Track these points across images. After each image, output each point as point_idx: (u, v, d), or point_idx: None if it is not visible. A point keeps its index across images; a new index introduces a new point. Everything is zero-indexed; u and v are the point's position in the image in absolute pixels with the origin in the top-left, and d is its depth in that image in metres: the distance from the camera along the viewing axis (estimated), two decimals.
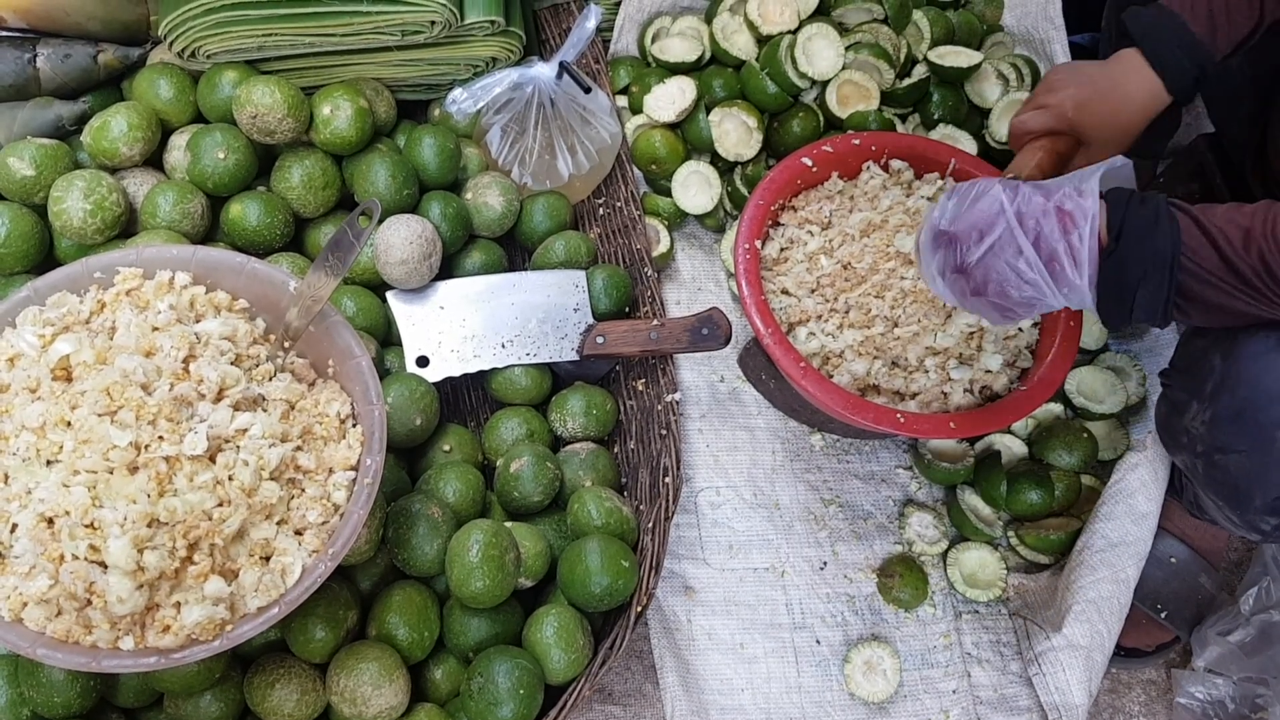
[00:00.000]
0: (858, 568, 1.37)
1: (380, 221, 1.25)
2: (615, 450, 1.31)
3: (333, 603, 1.04)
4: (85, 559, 0.82)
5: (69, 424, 0.86)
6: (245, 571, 0.87)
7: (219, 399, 0.92)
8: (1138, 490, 1.29)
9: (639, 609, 1.10)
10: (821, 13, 1.56)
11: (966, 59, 1.54)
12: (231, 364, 0.95)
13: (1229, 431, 1.04)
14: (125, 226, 1.25)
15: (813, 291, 1.29)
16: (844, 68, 1.50)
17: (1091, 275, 0.96)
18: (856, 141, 1.36)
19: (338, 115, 1.28)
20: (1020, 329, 1.26)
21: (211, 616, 0.84)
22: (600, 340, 1.28)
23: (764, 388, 1.44)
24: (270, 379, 0.98)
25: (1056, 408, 1.45)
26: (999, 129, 1.55)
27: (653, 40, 1.58)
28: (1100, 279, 0.97)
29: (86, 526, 0.82)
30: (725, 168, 1.54)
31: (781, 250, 1.33)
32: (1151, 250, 0.95)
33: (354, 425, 0.98)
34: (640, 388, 1.31)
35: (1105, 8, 1.56)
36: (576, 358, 1.30)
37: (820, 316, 1.27)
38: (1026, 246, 0.96)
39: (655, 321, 1.27)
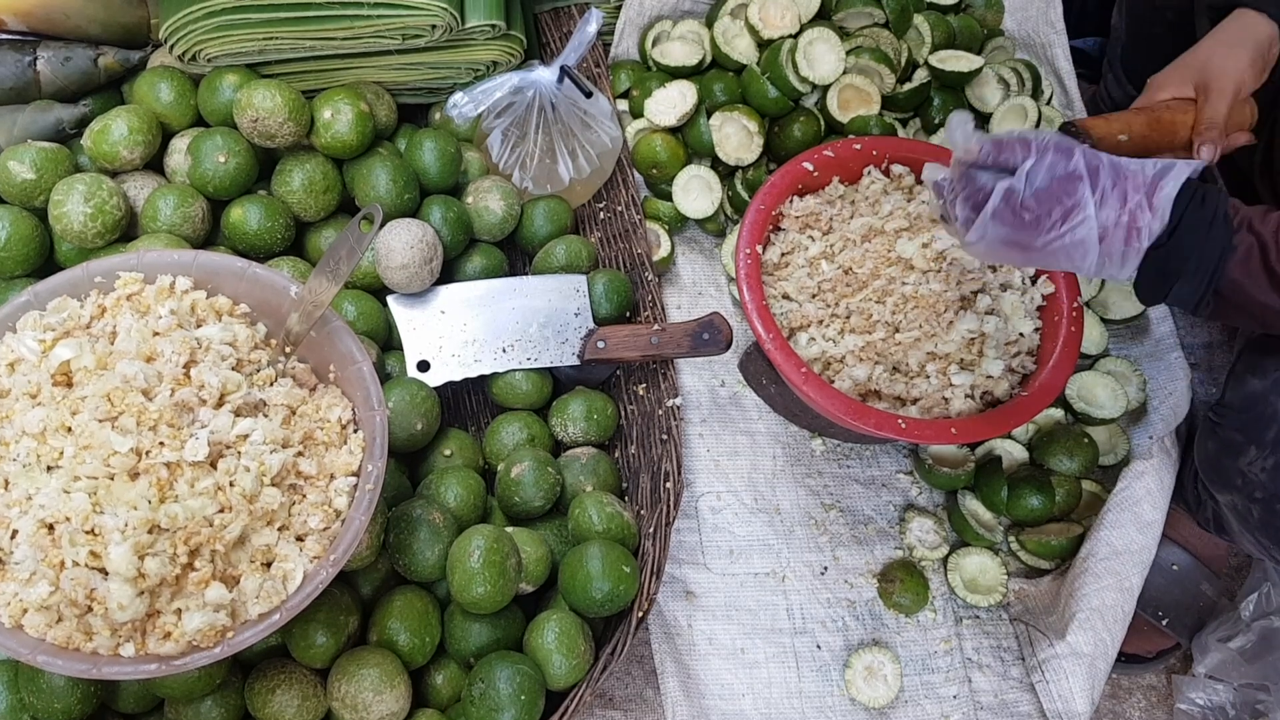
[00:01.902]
0: (858, 573, 1.37)
1: (381, 226, 1.25)
2: (616, 455, 1.31)
3: (334, 608, 1.03)
4: (86, 565, 0.81)
5: (70, 430, 0.86)
6: (246, 578, 0.87)
7: (220, 404, 0.92)
8: (1143, 499, 1.29)
9: (640, 614, 1.10)
10: (823, 17, 1.56)
11: (967, 63, 1.54)
12: (232, 369, 0.95)
13: None
14: (126, 230, 1.25)
15: (814, 296, 1.29)
16: (845, 72, 1.50)
17: (1135, 265, 0.96)
18: (858, 146, 1.35)
19: (338, 119, 1.28)
20: (1022, 334, 1.26)
21: (213, 623, 0.84)
22: (601, 345, 1.28)
23: (765, 393, 1.44)
24: (271, 384, 0.98)
25: (1057, 413, 1.45)
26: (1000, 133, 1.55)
27: (653, 44, 1.58)
28: (1143, 265, 0.97)
29: (87, 533, 0.82)
30: (726, 172, 1.54)
31: (782, 255, 1.33)
32: (1199, 251, 0.94)
33: (355, 431, 0.98)
34: (641, 392, 1.31)
35: (1114, 7, 1.56)
36: (577, 362, 1.30)
37: (821, 321, 1.27)
38: (1094, 251, 0.95)
39: (656, 326, 1.27)
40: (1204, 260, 0.94)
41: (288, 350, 1.01)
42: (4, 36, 1.31)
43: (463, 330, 1.28)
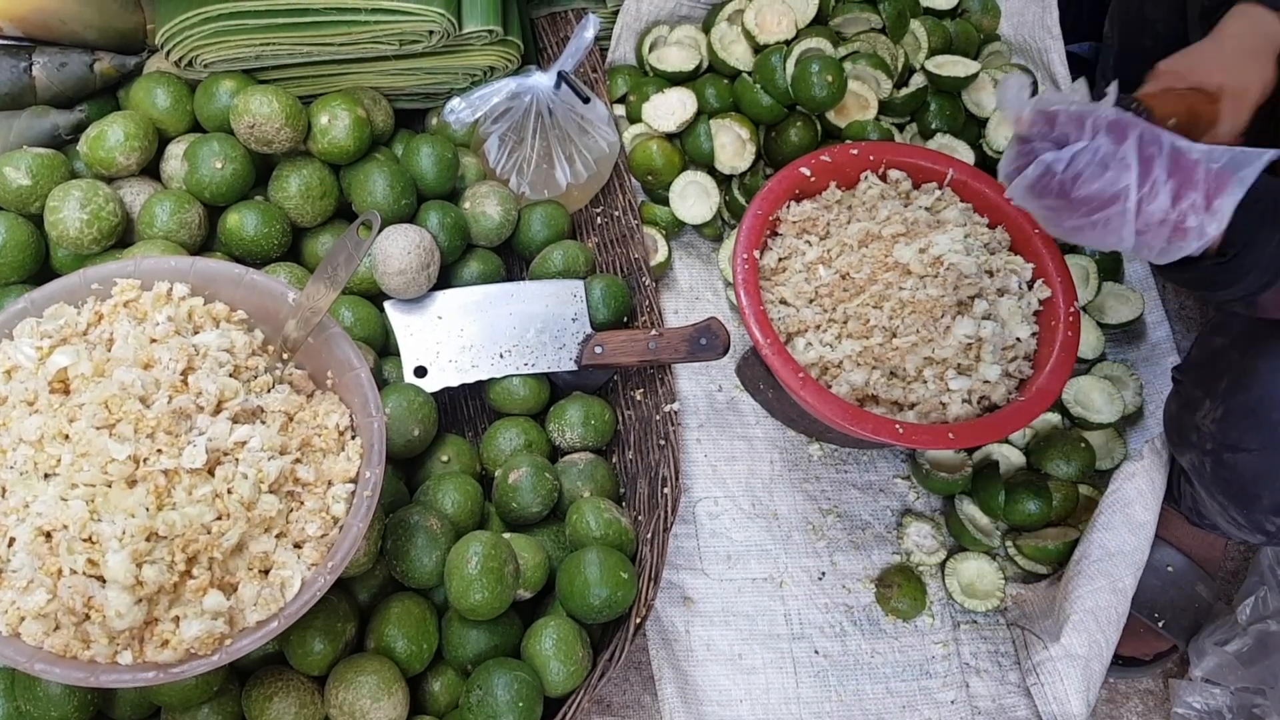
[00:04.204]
0: (856, 578, 1.37)
1: (379, 232, 1.25)
2: (613, 460, 1.31)
3: (331, 615, 1.03)
4: (84, 573, 0.81)
5: (67, 437, 0.86)
6: (244, 585, 0.87)
7: (218, 411, 0.92)
8: (1135, 500, 1.29)
9: (638, 620, 1.09)
10: (819, 22, 1.56)
11: (964, 68, 1.54)
12: (230, 376, 0.95)
13: (1241, 429, 1.04)
14: (122, 236, 1.25)
15: (811, 301, 1.29)
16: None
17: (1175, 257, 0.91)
18: (855, 151, 1.36)
19: (335, 124, 1.28)
20: (1019, 338, 1.26)
21: (210, 631, 0.84)
22: (598, 350, 1.28)
23: (762, 397, 1.44)
24: (269, 390, 0.98)
25: (1054, 417, 1.45)
26: (996, 138, 1.55)
27: (650, 49, 1.58)
28: (1192, 271, 0.94)
29: (85, 540, 0.82)
30: (723, 178, 1.54)
31: (780, 260, 1.33)
32: (1254, 272, 0.91)
33: (353, 437, 0.98)
34: (638, 397, 1.31)
35: (1107, 16, 1.57)
36: (575, 368, 1.30)
37: (819, 326, 1.27)
38: (1129, 241, 0.89)
39: (653, 331, 1.27)
40: (1252, 280, 0.91)
41: (285, 356, 1.00)
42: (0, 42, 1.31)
43: (460, 336, 1.28)
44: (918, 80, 1.57)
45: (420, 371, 1.26)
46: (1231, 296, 0.95)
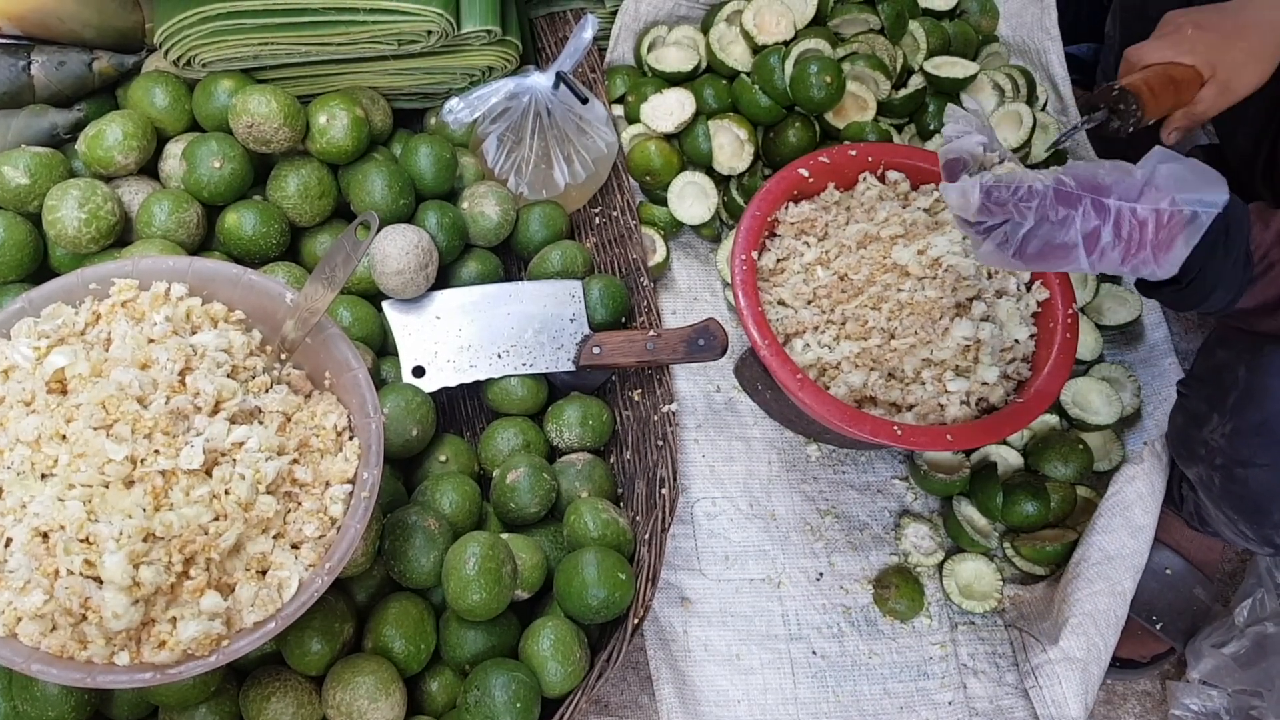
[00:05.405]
0: (854, 579, 1.37)
1: (377, 233, 1.24)
2: (611, 461, 1.31)
3: (329, 615, 1.03)
4: (81, 574, 0.81)
5: (64, 437, 0.86)
6: (242, 586, 0.87)
7: (215, 412, 0.92)
8: (1135, 503, 1.29)
9: (635, 621, 1.09)
10: (818, 23, 1.56)
11: (962, 69, 1.54)
12: (228, 376, 0.95)
13: (1252, 445, 1.05)
14: (120, 235, 1.25)
15: (809, 303, 1.29)
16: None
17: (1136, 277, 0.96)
18: (853, 152, 1.36)
19: (334, 124, 1.28)
20: (1017, 340, 1.26)
21: (208, 632, 0.84)
22: (597, 350, 1.28)
23: (760, 398, 1.44)
24: (267, 391, 0.98)
25: (1052, 419, 1.45)
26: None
27: (649, 49, 1.58)
28: (1157, 296, 0.99)
29: (82, 541, 0.82)
30: (721, 178, 1.54)
31: (778, 261, 1.33)
32: (1216, 291, 0.94)
33: (351, 438, 0.98)
34: (636, 398, 1.31)
35: (1109, 14, 1.57)
36: (573, 368, 1.30)
37: (817, 328, 1.27)
38: (1086, 273, 0.95)
39: (652, 332, 1.27)
40: (1219, 298, 0.95)
41: (283, 357, 1.00)
42: None
43: (458, 336, 1.28)
44: (916, 81, 1.57)
45: (418, 371, 1.26)
46: (1209, 311, 0.98)
